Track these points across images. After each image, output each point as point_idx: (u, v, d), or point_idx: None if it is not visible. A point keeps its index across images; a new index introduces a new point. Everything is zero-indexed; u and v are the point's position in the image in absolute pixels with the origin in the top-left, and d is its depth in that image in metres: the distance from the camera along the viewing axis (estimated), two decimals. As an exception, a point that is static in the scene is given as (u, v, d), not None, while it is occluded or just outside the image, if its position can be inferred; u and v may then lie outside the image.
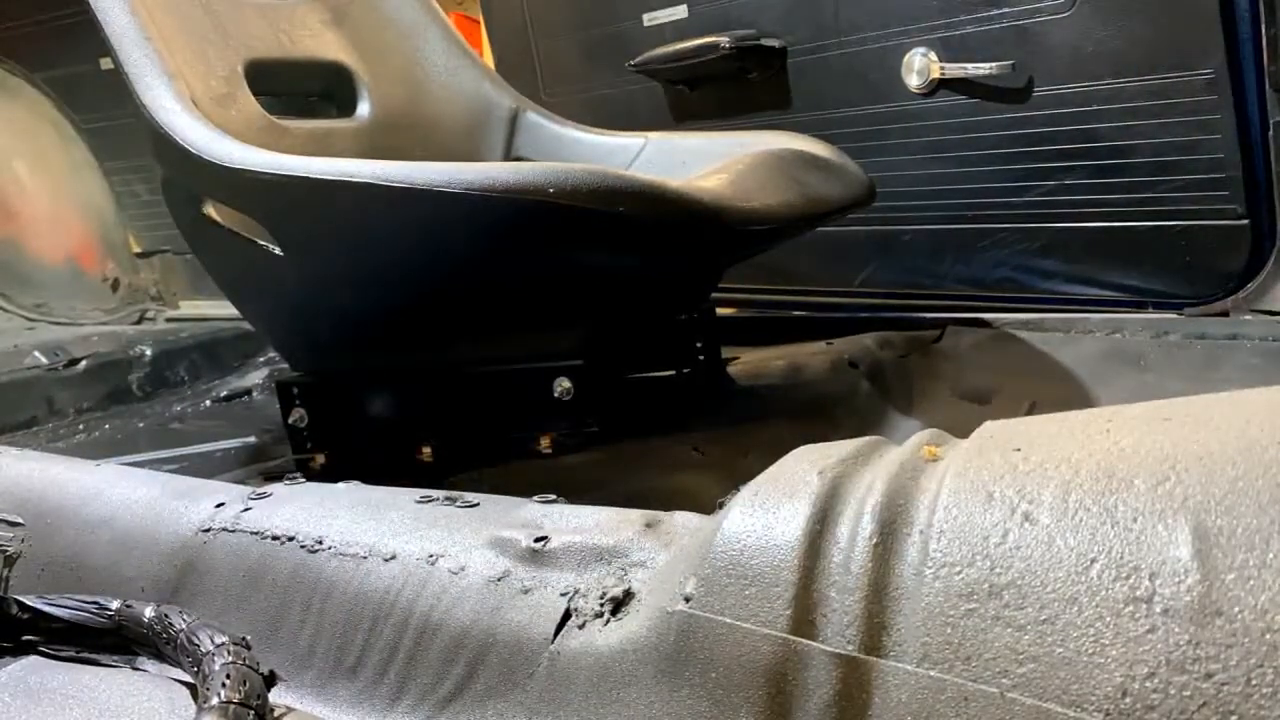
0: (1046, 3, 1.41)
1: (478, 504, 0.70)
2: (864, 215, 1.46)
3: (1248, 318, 1.23)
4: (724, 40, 1.71)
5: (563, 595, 0.58)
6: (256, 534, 0.71)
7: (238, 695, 0.53)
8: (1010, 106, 1.49)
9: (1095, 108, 1.41)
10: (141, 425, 1.56)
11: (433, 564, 0.63)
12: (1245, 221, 1.29)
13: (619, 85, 1.94)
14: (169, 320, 2.18)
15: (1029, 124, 1.48)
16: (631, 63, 1.87)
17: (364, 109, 1.46)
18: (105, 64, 2.12)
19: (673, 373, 1.30)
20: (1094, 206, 1.45)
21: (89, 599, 0.66)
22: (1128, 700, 0.39)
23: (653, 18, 1.85)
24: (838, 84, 1.68)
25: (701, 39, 1.75)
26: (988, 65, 1.47)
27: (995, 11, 1.46)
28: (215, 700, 0.52)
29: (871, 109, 1.65)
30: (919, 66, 1.55)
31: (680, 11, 1.82)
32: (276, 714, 0.59)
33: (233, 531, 0.72)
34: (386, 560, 0.65)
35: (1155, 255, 1.40)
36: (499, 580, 0.60)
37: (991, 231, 1.57)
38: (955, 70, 1.51)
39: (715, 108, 1.84)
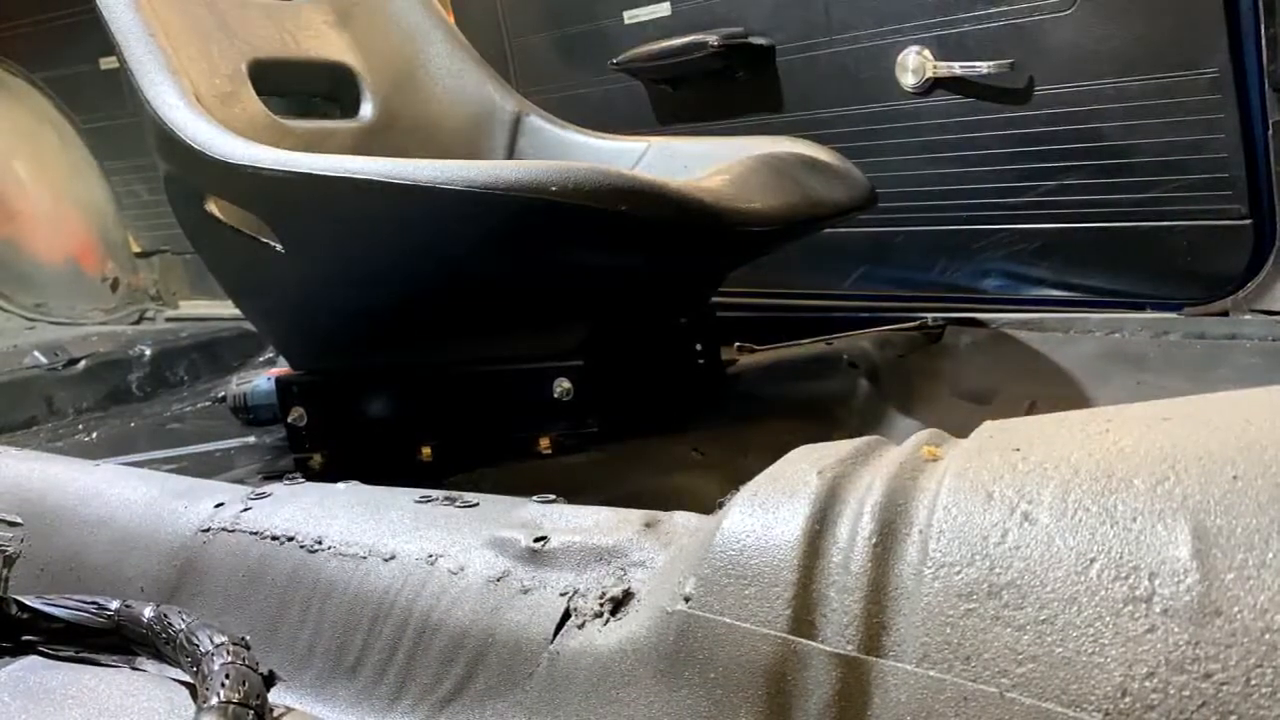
0: (1048, 0, 1.41)
1: (477, 504, 0.70)
2: (858, 217, 1.46)
3: (1248, 318, 1.23)
4: (711, 39, 1.68)
5: (562, 595, 0.58)
6: (256, 534, 0.71)
7: (237, 695, 0.53)
8: (1009, 106, 1.49)
9: (1096, 107, 1.40)
10: (141, 425, 1.56)
11: (432, 564, 0.63)
12: (1247, 221, 1.29)
13: (598, 84, 1.91)
14: (169, 320, 2.18)
15: (1029, 124, 1.48)
16: (614, 61, 1.83)
17: (367, 110, 1.46)
18: (105, 64, 2.12)
19: (673, 373, 1.30)
20: (1094, 207, 1.45)
21: (89, 599, 0.66)
22: (1127, 700, 0.39)
23: (634, 15, 1.82)
24: (829, 83, 1.66)
25: (687, 37, 1.71)
26: (986, 64, 1.46)
27: (993, 10, 1.46)
28: (215, 700, 0.52)
29: (864, 109, 1.63)
30: (914, 65, 1.55)
31: (664, 9, 1.79)
32: (276, 714, 0.59)
33: (232, 531, 0.72)
34: (386, 560, 0.65)
35: (1155, 255, 1.39)
36: (498, 580, 0.60)
37: (989, 233, 1.56)
38: (951, 69, 1.50)
39: (700, 108, 1.80)
